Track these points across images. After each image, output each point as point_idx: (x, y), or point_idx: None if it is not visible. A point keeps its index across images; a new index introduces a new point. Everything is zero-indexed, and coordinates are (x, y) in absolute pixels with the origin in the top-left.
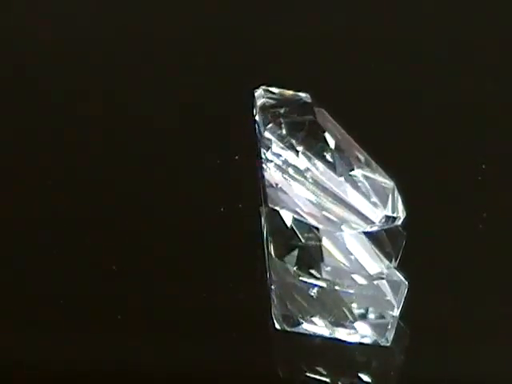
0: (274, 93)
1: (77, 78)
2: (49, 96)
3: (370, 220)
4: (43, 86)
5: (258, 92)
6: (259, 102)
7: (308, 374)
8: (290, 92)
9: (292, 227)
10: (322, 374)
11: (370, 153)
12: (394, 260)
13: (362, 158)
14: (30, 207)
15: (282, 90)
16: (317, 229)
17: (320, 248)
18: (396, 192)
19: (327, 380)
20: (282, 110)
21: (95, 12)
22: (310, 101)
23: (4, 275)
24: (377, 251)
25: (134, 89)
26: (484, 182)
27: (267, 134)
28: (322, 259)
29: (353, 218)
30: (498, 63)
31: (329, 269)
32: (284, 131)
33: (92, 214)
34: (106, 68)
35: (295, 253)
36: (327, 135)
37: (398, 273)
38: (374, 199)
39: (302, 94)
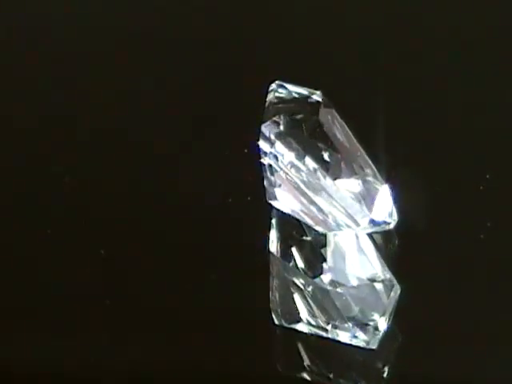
0: (286, 88)
1: (77, 77)
2: (48, 96)
3: (358, 223)
4: (43, 86)
5: (271, 87)
6: (268, 98)
7: (308, 374)
8: (303, 89)
9: (293, 225)
10: (321, 374)
11: (370, 154)
12: (387, 263)
13: (360, 160)
14: (30, 206)
15: (294, 86)
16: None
17: (319, 247)
18: (388, 196)
19: (326, 380)
20: (288, 107)
21: (95, 12)
22: (320, 99)
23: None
24: (373, 254)
25: (134, 88)
26: (486, 191)
27: (264, 130)
28: (320, 258)
29: (344, 219)
30: (499, 63)
31: (326, 268)
32: (282, 128)
33: (92, 214)
34: (105, 68)
35: (295, 250)
36: (329, 135)
37: (391, 276)
38: (364, 202)
39: (315, 92)
